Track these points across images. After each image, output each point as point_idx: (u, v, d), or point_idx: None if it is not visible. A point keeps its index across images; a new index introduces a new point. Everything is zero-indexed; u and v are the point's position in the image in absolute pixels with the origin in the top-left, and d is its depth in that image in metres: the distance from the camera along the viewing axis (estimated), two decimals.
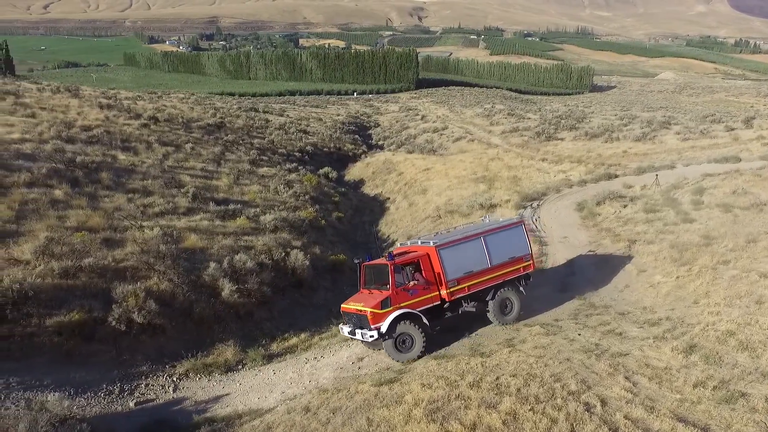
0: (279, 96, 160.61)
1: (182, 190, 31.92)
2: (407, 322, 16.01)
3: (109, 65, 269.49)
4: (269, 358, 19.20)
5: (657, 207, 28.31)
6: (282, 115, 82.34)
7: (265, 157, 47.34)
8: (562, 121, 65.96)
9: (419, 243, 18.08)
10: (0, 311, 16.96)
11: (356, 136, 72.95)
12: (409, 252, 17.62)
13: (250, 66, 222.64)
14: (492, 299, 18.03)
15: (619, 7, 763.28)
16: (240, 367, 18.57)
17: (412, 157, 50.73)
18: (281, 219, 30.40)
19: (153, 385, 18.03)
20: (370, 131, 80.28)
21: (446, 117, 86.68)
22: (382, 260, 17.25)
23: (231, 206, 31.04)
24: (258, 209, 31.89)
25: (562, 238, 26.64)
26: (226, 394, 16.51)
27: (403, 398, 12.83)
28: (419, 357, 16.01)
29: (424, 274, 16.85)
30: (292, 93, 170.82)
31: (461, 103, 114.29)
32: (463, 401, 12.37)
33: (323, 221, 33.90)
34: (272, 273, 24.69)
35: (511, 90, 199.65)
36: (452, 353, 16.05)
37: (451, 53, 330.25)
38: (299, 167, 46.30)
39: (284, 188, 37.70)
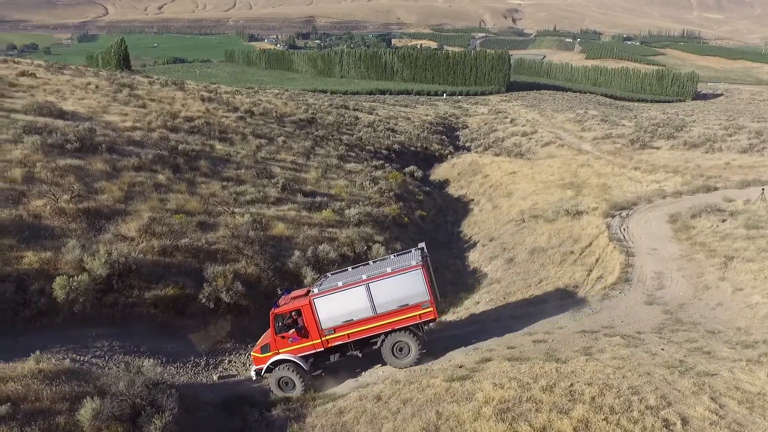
0: (369, 94, 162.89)
1: (272, 181, 33.19)
2: (285, 367, 16.38)
3: (212, 61, 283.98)
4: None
5: (761, 223, 26.23)
6: (371, 114, 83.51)
7: (352, 153, 48.25)
8: (659, 129, 62.56)
9: (319, 285, 17.34)
10: (107, 281, 18.46)
11: (443, 136, 72.75)
12: (294, 299, 17.38)
13: (337, 64, 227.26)
14: (380, 346, 16.92)
15: (733, 9, 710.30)
16: None
17: (499, 160, 49.95)
18: (365, 214, 30.91)
19: (235, 362, 19.05)
20: (457, 132, 79.81)
21: (536, 121, 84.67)
22: (289, 305, 16.95)
23: (318, 199, 31.93)
24: (343, 203, 32.60)
25: (650, 249, 25.35)
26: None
27: (474, 396, 12.76)
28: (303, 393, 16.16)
29: (305, 322, 16.68)
30: (383, 92, 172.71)
31: (552, 108, 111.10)
32: (534, 404, 12.14)
33: (406, 219, 34.13)
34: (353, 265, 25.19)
35: (606, 96, 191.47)
36: (526, 356, 15.79)
37: (545, 56, 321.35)
38: (385, 164, 46.81)
39: (370, 184, 38.27)
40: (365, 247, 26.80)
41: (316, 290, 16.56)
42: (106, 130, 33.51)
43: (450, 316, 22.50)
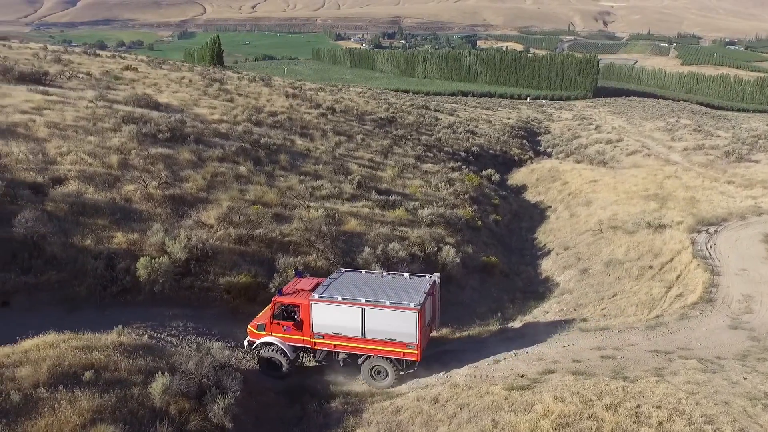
0: (451, 96, 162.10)
1: (349, 177, 33.70)
2: (273, 349, 17.12)
3: (299, 59, 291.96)
4: None
5: None
6: (452, 115, 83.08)
7: (430, 154, 48.20)
8: (760, 141, 58.15)
9: (326, 285, 17.47)
10: (186, 265, 19.43)
11: (524, 141, 71.23)
12: (300, 292, 17.53)
13: (420, 65, 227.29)
14: (362, 363, 17.08)
15: None
16: None
17: (580, 167, 48.28)
18: (438, 214, 30.78)
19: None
20: (539, 137, 77.87)
21: (622, 129, 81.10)
22: (294, 299, 17.21)
23: (392, 197, 32.10)
24: (417, 203, 32.62)
25: (739, 270, 23.64)
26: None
27: (533, 407, 12.41)
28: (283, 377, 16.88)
29: (301, 316, 17.05)
30: (465, 94, 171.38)
31: (641, 115, 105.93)
32: (595, 422, 11.67)
33: (480, 222, 33.71)
34: (422, 265, 25.15)
35: (701, 104, 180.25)
36: (592, 371, 15.17)
37: (636, 61, 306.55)
38: (462, 166, 46.41)
39: (445, 185, 38.09)
40: (435, 248, 26.69)
41: (316, 296, 16.79)
42: (195, 122, 35.26)
43: (516, 323, 22.01)
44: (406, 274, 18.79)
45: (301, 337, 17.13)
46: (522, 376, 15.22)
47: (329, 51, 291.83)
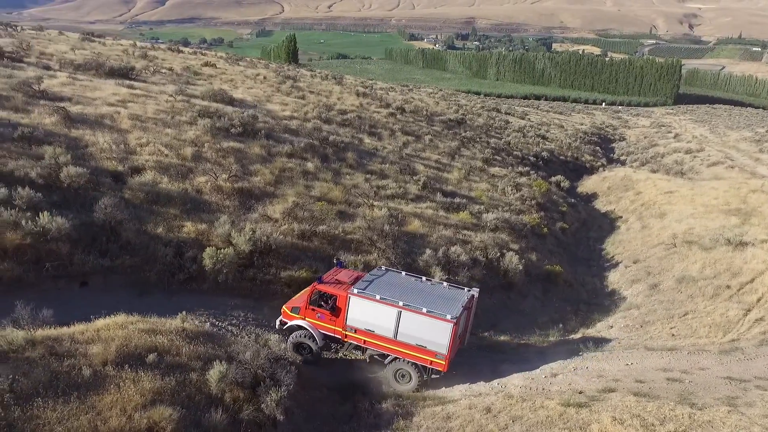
0: (523, 99, 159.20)
1: (414, 178, 33.66)
2: (302, 334, 17.38)
3: (372, 58, 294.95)
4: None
5: None
6: (523, 119, 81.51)
7: (498, 158, 47.43)
8: None
9: (366, 281, 17.56)
10: (249, 257, 19.96)
11: (597, 147, 68.90)
12: (339, 283, 17.60)
13: (492, 67, 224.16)
14: (388, 364, 17.14)
15: None
16: None
17: (655, 177, 46.08)
18: (503, 220, 30.24)
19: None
20: (613, 144, 75.14)
21: (704, 138, 76.96)
22: (334, 289, 17.34)
23: (457, 200, 31.83)
24: (482, 206, 32.17)
25: None
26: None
27: (589, 427, 11.90)
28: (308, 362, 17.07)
29: (337, 304, 17.14)
30: (537, 97, 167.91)
31: (726, 124, 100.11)
32: None
33: (546, 229, 32.85)
34: (484, 270, 24.81)
35: None
36: (656, 394, 14.35)
37: (724, 67, 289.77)
38: (531, 172, 45.41)
39: (512, 190, 37.37)
40: (498, 254, 26.23)
41: (355, 290, 16.80)
42: (266, 118, 36.19)
43: (577, 336, 21.27)
44: (445, 284, 18.61)
45: (333, 327, 17.35)
46: (580, 393, 14.62)
47: (402, 51, 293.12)
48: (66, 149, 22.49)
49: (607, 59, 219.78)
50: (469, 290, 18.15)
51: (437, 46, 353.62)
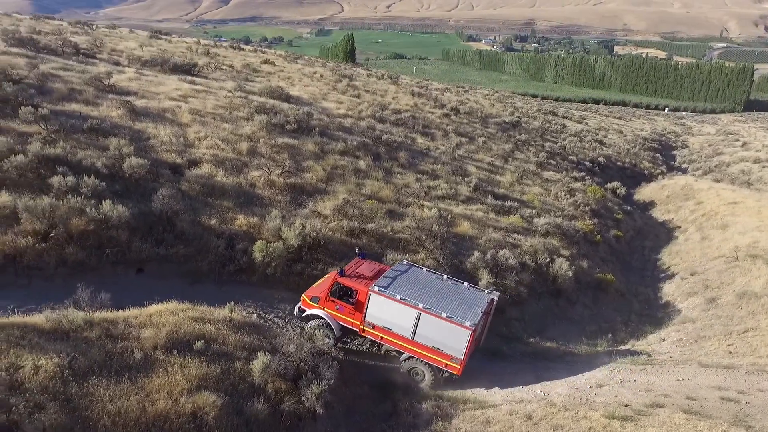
0: (582, 103, 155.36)
1: (466, 180, 33.40)
2: (320, 323, 17.43)
3: (429, 59, 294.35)
4: (502, 356, 19.12)
5: None
6: (580, 123, 79.53)
7: (552, 162, 46.48)
8: None
9: (389, 278, 17.47)
10: (298, 251, 20.30)
11: (657, 154, 66.42)
12: (361, 276, 17.64)
13: (550, 69, 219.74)
14: (404, 361, 17.25)
15: None
16: (479, 356, 18.85)
17: (719, 187, 44.01)
18: (554, 225, 29.62)
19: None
20: (674, 152, 72.24)
21: None
22: (355, 283, 17.39)
23: (508, 203, 31.40)
24: (534, 211, 31.63)
25: None
26: (459, 378, 16.90)
27: None
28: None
29: (357, 299, 17.15)
30: (596, 101, 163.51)
31: None
32: None
33: (599, 236, 31.96)
34: (532, 275, 24.39)
35: None
36: (708, 413, 13.75)
37: None
38: (586, 177, 44.26)
39: (565, 195, 36.56)
40: (548, 260, 25.73)
41: (376, 288, 16.73)
42: (321, 115, 36.69)
43: (627, 347, 20.58)
44: (466, 284, 18.36)
45: (351, 320, 17.46)
46: (626, 406, 14.13)
47: (459, 52, 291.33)
48: (129, 141, 23.49)
49: (671, 63, 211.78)
50: (490, 293, 18.01)
51: (495, 47, 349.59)
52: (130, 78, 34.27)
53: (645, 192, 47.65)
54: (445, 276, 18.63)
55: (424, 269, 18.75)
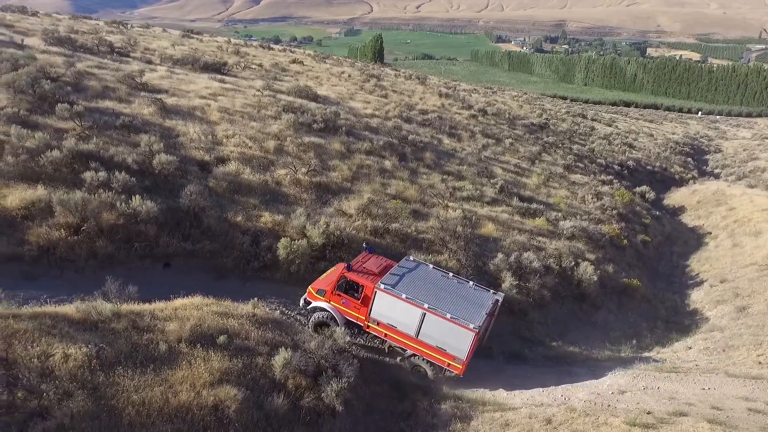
0: (612, 105, 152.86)
1: (492, 181, 33.25)
2: (324, 315, 17.62)
3: (458, 60, 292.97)
4: (523, 358, 18.97)
5: None
6: (610, 125, 78.35)
7: (580, 164, 45.92)
8: None
9: (395, 274, 17.60)
10: (321, 249, 20.49)
11: (689, 159, 65.02)
12: (367, 271, 17.65)
13: (580, 71, 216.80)
14: (406, 357, 17.47)
15: None
16: (499, 358, 18.80)
17: (753, 193, 42.89)
18: (580, 228, 29.30)
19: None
20: (706, 156, 70.62)
21: None
22: (361, 279, 17.41)
23: (534, 205, 31.17)
24: (559, 213, 31.34)
25: None
26: (479, 380, 16.87)
27: None
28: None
29: (363, 294, 17.18)
30: (627, 104, 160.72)
31: None
32: None
33: (626, 241, 31.49)
34: (556, 279, 24.18)
35: None
36: (734, 424, 13.42)
37: None
38: (614, 180, 43.63)
39: (592, 198, 36.11)
40: (572, 263, 25.47)
41: (382, 286, 16.76)
42: (348, 115, 36.90)
43: (651, 354, 20.26)
44: (471, 283, 18.30)
45: (356, 315, 17.56)
46: (648, 413, 13.88)
47: (488, 53, 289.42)
48: (159, 138, 23.98)
49: (706, 65, 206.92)
50: (495, 293, 17.95)
51: (524, 48, 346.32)
52: (162, 76, 34.93)
53: (675, 197, 46.77)
54: (450, 274, 18.64)
55: (431, 266, 18.75)
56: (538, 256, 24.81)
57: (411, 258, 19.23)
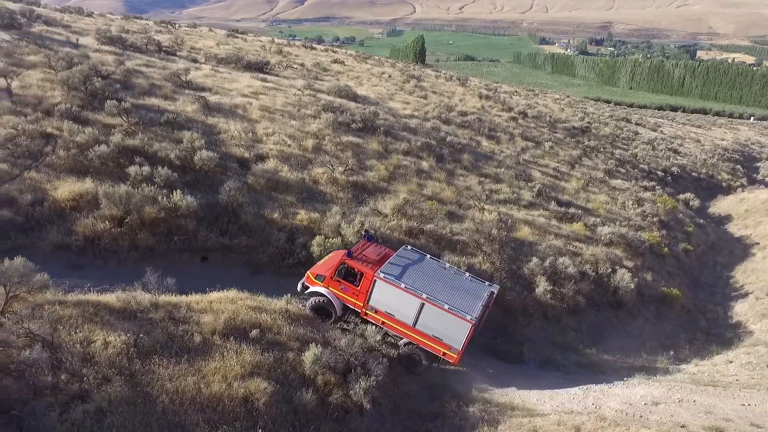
0: (658, 110, 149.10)
1: (529, 184, 32.89)
2: (322, 300, 17.33)
3: (500, 61, 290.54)
4: (555, 364, 18.71)
5: None
6: (654, 130, 76.41)
7: (622, 170, 44.96)
8: None
9: (393, 264, 17.53)
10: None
11: (738, 166, 62.83)
12: (367, 259, 17.59)
13: (625, 74, 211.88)
14: (403, 346, 17.26)
15: None
16: (531, 363, 18.60)
17: None
18: (619, 235, 28.72)
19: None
20: (758, 164, 68.06)
21: None
22: (361, 266, 17.31)
23: (571, 210, 30.71)
24: (598, 219, 30.76)
25: None
26: (509, 385, 16.75)
27: None
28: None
29: (362, 281, 17.11)
30: (674, 108, 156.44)
31: None
32: None
33: (666, 249, 30.70)
34: (592, 285, 23.77)
35: None
36: None
37: None
38: (657, 187, 42.57)
39: (633, 205, 35.33)
40: (609, 270, 25.01)
41: (382, 275, 16.74)
42: (387, 115, 37.04)
43: (689, 367, 19.70)
44: (467, 274, 18.27)
45: (354, 301, 17.55)
46: (682, 426, 13.54)
47: (530, 55, 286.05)
48: (201, 135, 24.59)
49: (760, 68, 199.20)
50: (490, 285, 17.96)
51: (569, 51, 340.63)
52: (206, 75, 35.78)
53: (721, 205, 45.31)
54: (447, 265, 18.72)
55: (428, 257, 18.77)
56: (573, 262, 24.44)
57: (409, 247, 19.26)
